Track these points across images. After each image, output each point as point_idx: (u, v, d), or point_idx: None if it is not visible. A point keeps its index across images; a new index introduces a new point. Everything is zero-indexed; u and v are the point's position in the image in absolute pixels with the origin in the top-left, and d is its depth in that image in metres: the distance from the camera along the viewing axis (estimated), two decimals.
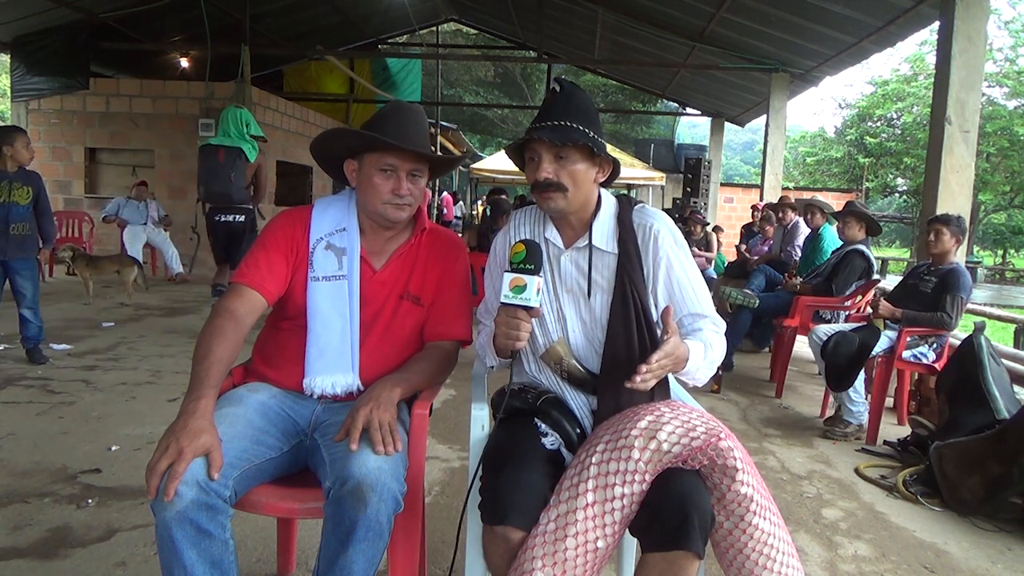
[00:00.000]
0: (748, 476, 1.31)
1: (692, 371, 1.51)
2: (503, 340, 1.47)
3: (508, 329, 1.45)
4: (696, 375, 1.53)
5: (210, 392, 1.41)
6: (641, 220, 1.60)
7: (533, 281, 1.41)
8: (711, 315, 1.59)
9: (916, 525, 2.71)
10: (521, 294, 1.41)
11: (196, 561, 1.28)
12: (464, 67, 25.56)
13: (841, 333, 3.79)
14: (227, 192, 5.31)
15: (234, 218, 5.38)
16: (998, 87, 20.29)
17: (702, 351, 1.51)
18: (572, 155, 1.52)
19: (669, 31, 9.54)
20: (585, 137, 1.50)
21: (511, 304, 1.42)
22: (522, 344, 1.46)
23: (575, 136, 1.49)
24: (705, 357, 1.51)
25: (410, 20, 12.86)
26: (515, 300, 1.41)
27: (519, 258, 1.43)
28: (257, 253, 1.65)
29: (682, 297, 1.57)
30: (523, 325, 1.44)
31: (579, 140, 1.49)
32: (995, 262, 27.72)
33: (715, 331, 1.58)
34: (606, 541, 1.31)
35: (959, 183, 4.72)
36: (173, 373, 4.22)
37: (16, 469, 2.69)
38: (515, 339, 1.45)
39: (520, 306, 1.42)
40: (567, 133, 1.50)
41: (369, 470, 1.35)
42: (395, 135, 1.60)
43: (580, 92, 1.59)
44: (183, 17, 9.57)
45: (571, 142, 1.50)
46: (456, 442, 3.24)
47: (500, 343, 1.49)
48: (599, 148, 1.52)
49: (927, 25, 6.51)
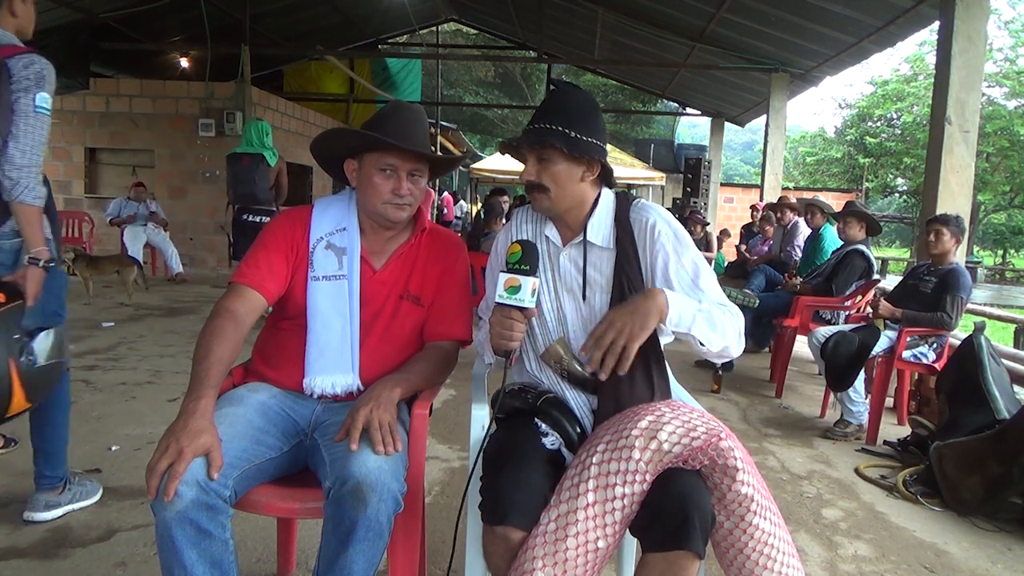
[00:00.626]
0: (748, 476, 1.31)
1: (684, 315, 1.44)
2: (497, 340, 1.47)
3: (502, 329, 1.45)
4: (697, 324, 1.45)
5: (210, 392, 1.41)
6: (638, 215, 1.60)
7: (528, 282, 1.41)
8: (720, 301, 1.55)
9: (916, 525, 2.71)
10: (516, 295, 1.41)
11: (196, 561, 1.28)
12: (464, 67, 25.57)
13: (841, 333, 3.79)
14: (252, 192, 5.79)
15: (260, 219, 5.79)
16: (998, 87, 20.30)
17: (691, 300, 1.46)
18: (552, 156, 1.53)
19: (669, 31, 9.54)
20: (560, 139, 1.50)
21: (506, 304, 1.43)
22: (515, 344, 1.46)
23: (550, 138, 1.50)
24: (700, 306, 1.47)
25: (410, 20, 12.87)
26: (509, 300, 1.42)
27: (515, 258, 1.44)
28: (257, 253, 1.65)
29: (683, 289, 1.54)
30: (517, 326, 1.44)
31: (553, 142, 1.50)
32: (995, 262, 27.72)
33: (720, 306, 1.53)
34: (607, 541, 1.31)
35: (959, 183, 4.72)
36: (173, 373, 4.22)
37: (16, 469, 2.69)
38: (508, 339, 1.45)
39: (514, 306, 1.42)
40: (542, 136, 1.51)
41: (369, 470, 1.35)
42: (395, 135, 1.60)
43: (575, 92, 1.59)
44: (183, 17, 9.58)
45: (541, 144, 1.52)
46: (456, 442, 3.24)
47: (494, 343, 1.49)
48: (573, 148, 1.51)
49: (927, 25, 6.51)
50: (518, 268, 1.43)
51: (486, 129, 28.54)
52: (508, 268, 1.44)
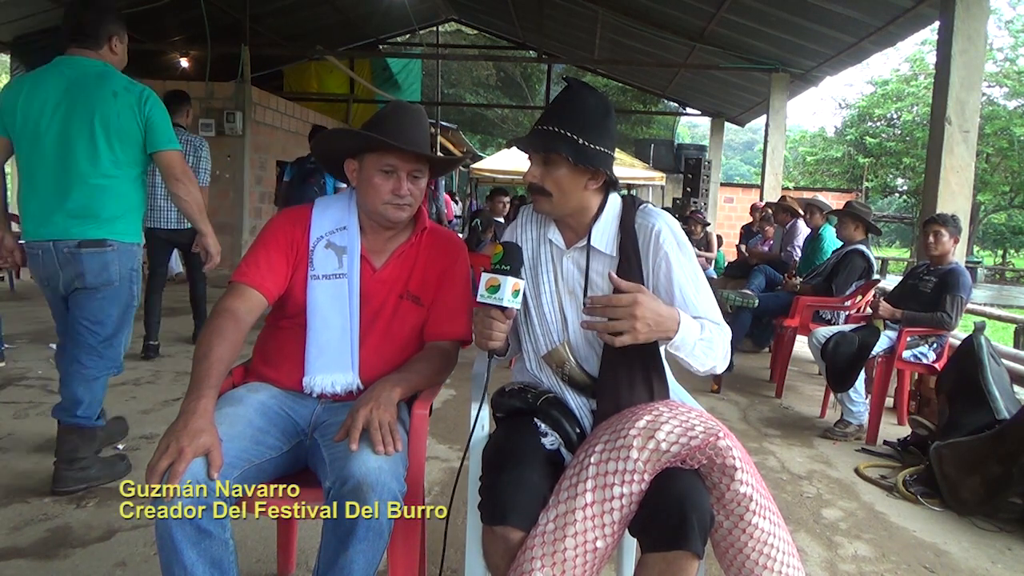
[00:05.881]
0: (747, 475, 1.31)
1: (687, 342, 1.44)
2: (478, 339, 1.48)
3: (482, 328, 1.46)
4: (694, 352, 1.46)
5: (210, 392, 1.41)
6: (643, 221, 1.58)
7: (508, 282, 1.42)
8: (713, 318, 1.54)
9: (916, 525, 2.71)
10: (495, 294, 1.42)
11: (196, 561, 1.28)
12: (464, 68, 25.55)
13: (841, 333, 3.79)
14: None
15: None
16: (998, 87, 20.29)
17: (697, 325, 1.46)
18: (557, 162, 1.51)
19: (669, 31, 9.54)
20: (567, 147, 1.47)
21: (485, 303, 1.44)
22: (496, 344, 1.46)
23: (555, 145, 1.48)
24: (702, 334, 1.46)
25: (410, 20, 12.85)
26: (488, 299, 1.43)
27: (497, 259, 1.45)
28: (257, 252, 1.65)
29: (682, 300, 1.53)
30: (496, 324, 1.44)
31: (559, 150, 1.48)
32: (995, 262, 27.72)
33: (716, 327, 1.53)
34: (605, 541, 1.31)
35: (959, 183, 4.72)
36: (173, 373, 4.22)
37: (16, 469, 2.69)
38: (488, 338, 1.45)
39: (494, 305, 1.43)
40: (548, 141, 1.49)
41: (369, 470, 1.35)
42: (395, 135, 1.60)
43: (588, 94, 1.55)
44: (183, 17, 9.57)
45: (546, 151, 1.50)
46: (456, 442, 3.24)
47: (476, 341, 1.50)
48: (579, 158, 1.48)
49: (927, 25, 6.51)
50: (499, 268, 1.44)
51: (486, 129, 28.52)
52: (491, 268, 1.46)
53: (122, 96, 2.40)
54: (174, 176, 2.51)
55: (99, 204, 2.40)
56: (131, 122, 2.41)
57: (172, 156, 2.50)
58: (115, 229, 2.45)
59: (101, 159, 2.38)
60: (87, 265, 2.40)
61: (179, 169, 2.51)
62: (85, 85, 2.37)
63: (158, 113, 2.47)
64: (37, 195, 2.40)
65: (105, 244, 2.42)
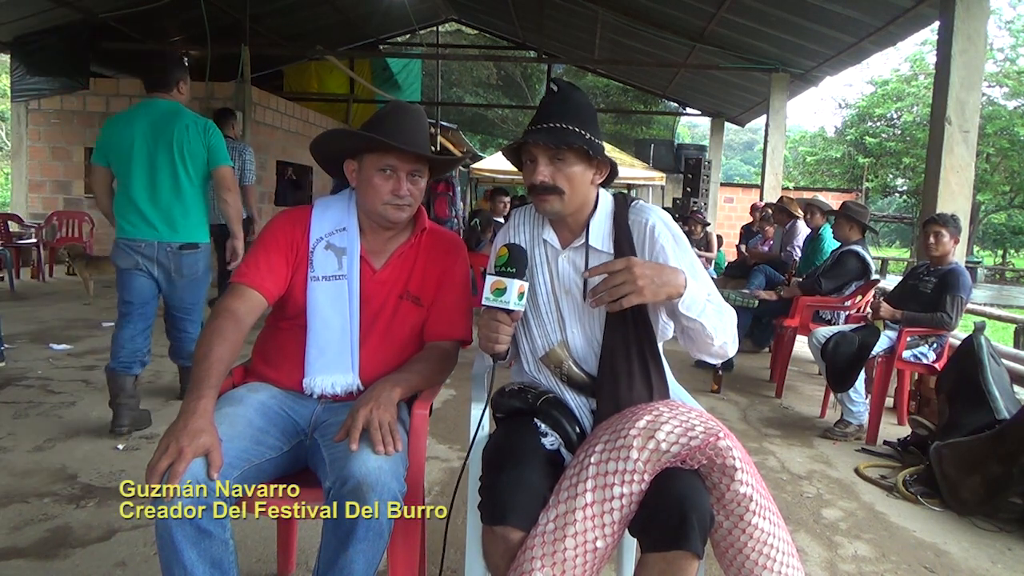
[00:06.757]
0: (747, 475, 1.31)
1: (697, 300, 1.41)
2: (484, 342, 1.48)
3: (488, 331, 1.45)
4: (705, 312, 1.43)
5: (210, 392, 1.41)
6: (636, 217, 1.59)
7: (514, 284, 1.42)
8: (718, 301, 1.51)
9: (916, 525, 2.71)
10: (501, 297, 1.42)
11: (196, 561, 1.28)
12: (465, 68, 25.54)
13: (841, 333, 3.79)
14: None
15: None
16: (998, 87, 20.29)
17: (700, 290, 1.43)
18: (568, 158, 1.51)
19: (669, 31, 9.54)
20: (581, 140, 1.48)
21: (492, 307, 1.43)
22: (502, 347, 1.46)
23: (571, 139, 1.48)
24: (709, 297, 1.45)
25: (410, 20, 12.85)
26: (495, 303, 1.42)
27: (501, 261, 1.45)
28: (257, 253, 1.65)
29: None
30: (503, 328, 1.44)
31: (575, 143, 1.48)
32: (995, 262, 27.70)
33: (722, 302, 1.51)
34: (605, 541, 1.31)
35: (959, 183, 4.72)
36: (173, 373, 4.21)
37: (16, 469, 2.69)
38: (494, 341, 1.45)
39: (500, 308, 1.43)
40: (563, 136, 1.48)
41: (369, 470, 1.35)
42: (395, 136, 1.60)
43: (577, 93, 1.58)
44: (183, 17, 9.57)
45: (567, 145, 1.49)
46: (456, 442, 3.24)
47: (481, 345, 1.50)
48: (595, 151, 1.51)
49: (927, 25, 6.51)
50: (504, 271, 1.44)
51: (486, 129, 28.49)
52: (495, 271, 1.45)
53: (192, 128, 3.08)
54: (225, 186, 3.20)
55: (182, 213, 3.09)
56: (199, 146, 3.09)
57: (226, 171, 3.20)
58: (201, 233, 3.18)
59: (179, 177, 3.07)
60: (185, 262, 3.12)
61: (230, 181, 3.22)
62: (164, 121, 3.05)
63: (216, 138, 3.14)
64: (132, 205, 3.05)
65: (197, 247, 3.16)
